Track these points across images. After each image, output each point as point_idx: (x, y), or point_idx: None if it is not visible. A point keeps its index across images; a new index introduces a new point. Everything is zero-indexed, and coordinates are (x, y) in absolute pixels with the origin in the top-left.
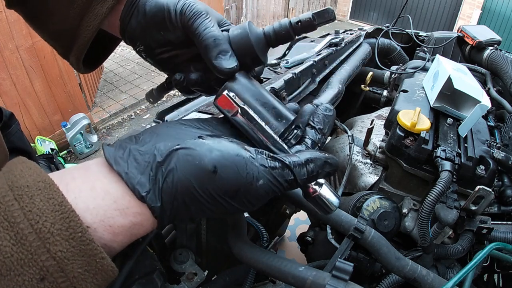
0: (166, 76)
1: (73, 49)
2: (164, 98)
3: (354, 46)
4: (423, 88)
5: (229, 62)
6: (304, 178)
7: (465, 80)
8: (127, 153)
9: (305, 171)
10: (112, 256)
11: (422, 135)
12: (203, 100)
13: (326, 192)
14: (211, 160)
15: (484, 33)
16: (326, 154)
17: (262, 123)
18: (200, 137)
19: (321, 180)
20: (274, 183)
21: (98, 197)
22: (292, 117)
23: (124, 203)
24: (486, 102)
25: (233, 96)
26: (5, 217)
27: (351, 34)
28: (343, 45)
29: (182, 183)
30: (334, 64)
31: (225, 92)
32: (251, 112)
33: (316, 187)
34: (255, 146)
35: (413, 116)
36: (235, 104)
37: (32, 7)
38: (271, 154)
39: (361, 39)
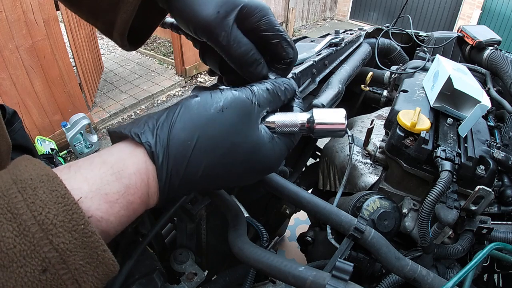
0: (167, 78)
1: (115, 24)
2: (164, 98)
3: (354, 46)
4: (423, 88)
5: (262, 71)
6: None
7: (465, 80)
8: (126, 123)
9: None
10: (112, 236)
11: (422, 135)
12: None
13: (322, 117)
14: (194, 96)
15: (484, 33)
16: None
17: None
18: None
19: (308, 113)
20: (249, 93)
21: (95, 168)
22: None
23: (119, 165)
24: (486, 102)
25: None
26: (8, 208)
27: (351, 34)
28: (343, 45)
29: (174, 118)
30: (334, 64)
31: None
32: None
33: (307, 117)
34: None
35: (413, 116)
36: None
37: None
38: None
39: (361, 39)
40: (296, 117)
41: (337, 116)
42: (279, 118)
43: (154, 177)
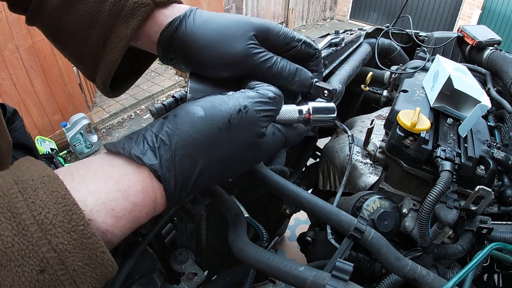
0: (167, 78)
1: (98, 72)
2: (164, 98)
3: (354, 46)
4: (423, 88)
5: (306, 79)
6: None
7: (465, 80)
8: (123, 138)
9: (277, 89)
10: (115, 244)
11: (422, 135)
12: None
13: (316, 108)
14: (196, 106)
15: (484, 33)
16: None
17: None
18: None
19: (304, 106)
20: (259, 102)
21: (100, 182)
22: None
23: (125, 183)
24: (486, 102)
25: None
26: (8, 208)
27: (351, 34)
28: (343, 45)
29: (178, 135)
30: (334, 64)
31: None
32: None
33: (304, 110)
34: None
35: (413, 116)
36: None
37: (51, 25)
38: (247, 89)
39: (361, 39)
40: (295, 108)
41: (328, 106)
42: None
43: (161, 193)
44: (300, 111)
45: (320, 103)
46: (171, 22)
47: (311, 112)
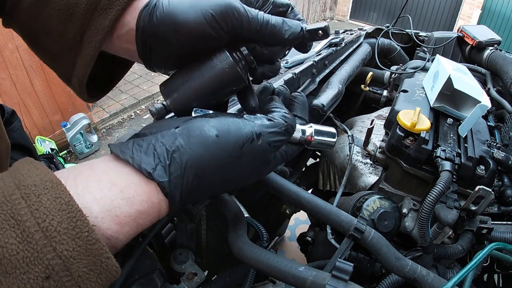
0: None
1: (75, 70)
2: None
3: (354, 46)
4: (423, 88)
5: (296, 25)
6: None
7: (465, 80)
8: (131, 143)
9: (291, 117)
10: (118, 249)
11: (422, 135)
12: None
13: (318, 131)
14: (211, 127)
15: (484, 33)
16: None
17: None
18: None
19: (307, 128)
20: (273, 133)
21: (104, 188)
22: None
23: (130, 191)
24: (486, 102)
25: None
26: (11, 215)
27: (351, 34)
28: (343, 45)
29: (190, 155)
30: (334, 64)
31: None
32: None
33: (307, 132)
34: None
35: (413, 116)
36: None
37: (27, 22)
38: (263, 115)
39: (361, 39)
40: (297, 130)
41: (330, 131)
42: None
43: (166, 205)
44: (303, 131)
45: (322, 127)
46: (148, 2)
47: (313, 134)
